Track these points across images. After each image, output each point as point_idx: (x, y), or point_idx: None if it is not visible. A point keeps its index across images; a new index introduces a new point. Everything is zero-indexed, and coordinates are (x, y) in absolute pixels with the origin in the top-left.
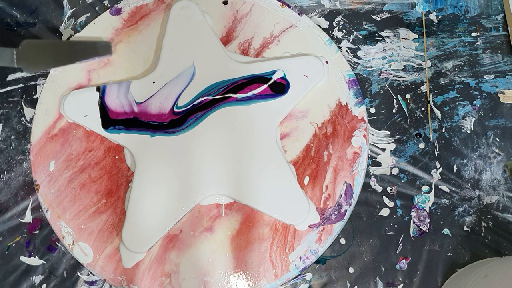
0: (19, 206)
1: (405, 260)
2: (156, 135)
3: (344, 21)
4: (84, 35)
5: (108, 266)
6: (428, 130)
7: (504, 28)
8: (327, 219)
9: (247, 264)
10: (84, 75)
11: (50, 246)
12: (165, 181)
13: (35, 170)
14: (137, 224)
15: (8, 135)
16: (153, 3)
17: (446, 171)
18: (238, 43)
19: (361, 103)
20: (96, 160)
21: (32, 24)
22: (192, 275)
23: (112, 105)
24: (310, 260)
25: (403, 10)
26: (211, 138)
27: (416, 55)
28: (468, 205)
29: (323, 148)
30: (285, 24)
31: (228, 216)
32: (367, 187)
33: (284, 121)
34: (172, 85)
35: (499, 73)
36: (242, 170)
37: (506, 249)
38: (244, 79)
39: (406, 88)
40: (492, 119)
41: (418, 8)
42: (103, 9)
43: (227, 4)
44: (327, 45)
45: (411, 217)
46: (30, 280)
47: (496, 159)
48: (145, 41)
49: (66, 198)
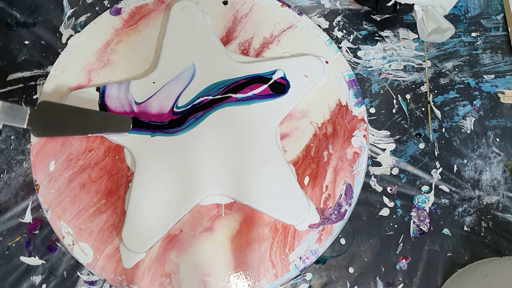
0: (19, 206)
1: (405, 260)
2: (156, 135)
3: (344, 21)
4: (84, 35)
5: (108, 266)
6: (428, 130)
7: (504, 28)
8: (327, 219)
9: (247, 264)
10: (84, 75)
11: (50, 246)
12: (165, 181)
13: (35, 170)
14: (137, 224)
15: (8, 135)
16: (153, 3)
17: (446, 171)
18: (238, 43)
19: (361, 103)
20: (96, 160)
21: (32, 24)
22: (192, 275)
23: (112, 105)
24: (310, 260)
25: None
26: (211, 138)
27: (416, 55)
28: (468, 205)
29: (323, 148)
30: (285, 24)
31: (228, 216)
32: (367, 187)
33: (284, 121)
34: (172, 85)
35: (499, 73)
36: (242, 170)
37: (506, 249)
38: (244, 79)
39: (406, 88)
40: (492, 119)
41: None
42: (103, 9)
43: (227, 4)
44: (327, 45)
45: (411, 217)
46: (30, 280)
47: (496, 159)
48: (145, 41)
49: (66, 198)
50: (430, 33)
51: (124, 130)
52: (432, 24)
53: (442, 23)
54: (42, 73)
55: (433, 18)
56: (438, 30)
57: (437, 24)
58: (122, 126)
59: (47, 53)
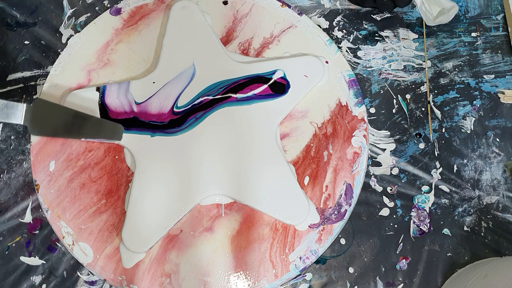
0: (19, 206)
1: (405, 260)
2: (156, 135)
3: (344, 21)
4: (84, 35)
5: (108, 266)
6: (428, 130)
7: (504, 28)
8: (327, 219)
9: (247, 264)
10: (84, 75)
11: (50, 246)
12: (165, 181)
13: (35, 170)
14: (137, 224)
15: (8, 135)
16: (153, 3)
17: (446, 171)
18: (238, 43)
19: (361, 103)
20: (96, 160)
21: (32, 24)
22: (192, 275)
23: (112, 105)
24: (310, 260)
25: (403, 10)
26: (211, 138)
27: (416, 55)
28: (468, 205)
29: (323, 148)
30: (285, 24)
31: (228, 216)
32: (367, 187)
33: (284, 121)
34: (172, 85)
35: (499, 73)
36: (242, 170)
37: (506, 249)
38: (244, 79)
39: (406, 88)
40: (492, 119)
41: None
42: (103, 9)
43: (227, 4)
44: (327, 45)
45: (411, 217)
46: (30, 280)
47: (496, 159)
48: (145, 41)
49: (66, 198)
50: (436, 16)
51: (116, 138)
52: (436, 8)
53: (444, 3)
54: (42, 73)
55: (434, 1)
56: (444, 11)
57: (439, 5)
58: (114, 134)
59: (47, 53)
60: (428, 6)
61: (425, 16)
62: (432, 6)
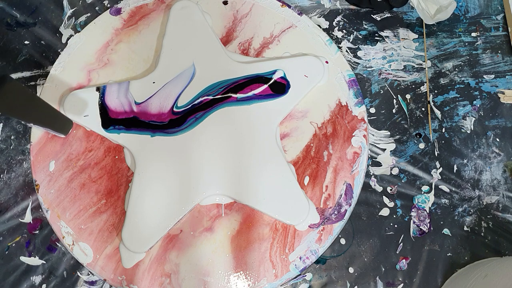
0: (19, 206)
1: (405, 260)
2: (156, 135)
3: (344, 21)
4: (84, 35)
5: (108, 266)
6: (428, 130)
7: (504, 28)
8: (327, 219)
9: (247, 264)
10: (84, 75)
11: (50, 246)
12: (165, 181)
13: (35, 170)
14: (137, 224)
15: (8, 135)
16: (153, 3)
17: (446, 171)
18: (238, 43)
19: (361, 103)
20: (96, 160)
21: (32, 24)
22: (192, 275)
23: (112, 105)
24: (310, 260)
25: (403, 10)
26: (211, 138)
27: (416, 55)
28: (468, 205)
29: (323, 148)
30: (285, 24)
31: (228, 216)
32: (367, 187)
33: (284, 121)
34: (172, 85)
35: (499, 73)
36: (242, 170)
37: (506, 249)
38: (244, 79)
39: (406, 88)
40: (492, 119)
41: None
42: (103, 9)
43: (227, 4)
44: (327, 45)
45: (411, 217)
46: (30, 280)
47: (496, 159)
48: (145, 41)
49: (66, 198)
50: (434, 14)
51: (63, 132)
52: (433, 5)
53: (440, 1)
54: (42, 73)
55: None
56: (441, 8)
57: (436, 3)
58: (63, 127)
59: (47, 53)
60: (425, 5)
61: (423, 15)
62: (429, 4)
